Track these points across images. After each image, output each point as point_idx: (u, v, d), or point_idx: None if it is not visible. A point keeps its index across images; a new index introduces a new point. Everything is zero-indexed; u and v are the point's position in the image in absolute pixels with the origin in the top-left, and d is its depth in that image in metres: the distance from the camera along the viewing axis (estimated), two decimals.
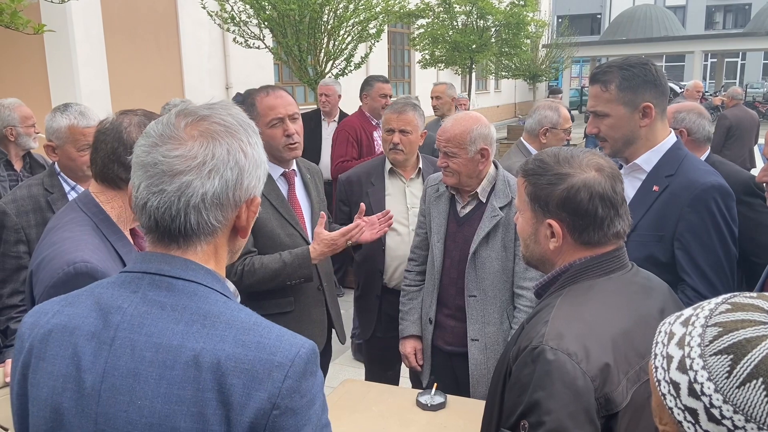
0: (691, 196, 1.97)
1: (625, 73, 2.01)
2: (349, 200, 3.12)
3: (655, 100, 2.03)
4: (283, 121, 2.48)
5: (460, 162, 2.48)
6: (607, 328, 1.30)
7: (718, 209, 1.98)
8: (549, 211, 1.40)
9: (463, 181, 2.54)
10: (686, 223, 1.98)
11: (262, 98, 2.50)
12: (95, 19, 9.96)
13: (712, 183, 1.99)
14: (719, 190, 1.99)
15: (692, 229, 1.97)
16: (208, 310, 0.96)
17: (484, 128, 2.50)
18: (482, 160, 2.50)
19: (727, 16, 42.13)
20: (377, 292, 3.08)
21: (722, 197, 1.99)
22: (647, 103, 2.02)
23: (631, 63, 2.04)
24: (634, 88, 2.01)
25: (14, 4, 3.92)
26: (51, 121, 2.45)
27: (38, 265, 1.61)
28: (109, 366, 0.95)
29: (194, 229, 0.99)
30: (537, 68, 22.02)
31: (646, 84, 2.02)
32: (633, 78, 2.01)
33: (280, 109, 2.48)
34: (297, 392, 0.93)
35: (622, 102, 2.03)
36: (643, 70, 2.02)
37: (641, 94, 2.02)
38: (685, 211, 1.97)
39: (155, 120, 1.04)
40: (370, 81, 5.19)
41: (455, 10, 15.71)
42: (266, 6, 8.52)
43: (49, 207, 2.42)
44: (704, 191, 1.97)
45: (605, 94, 2.05)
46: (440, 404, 2.30)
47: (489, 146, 2.50)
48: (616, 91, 2.03)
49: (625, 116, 2.04)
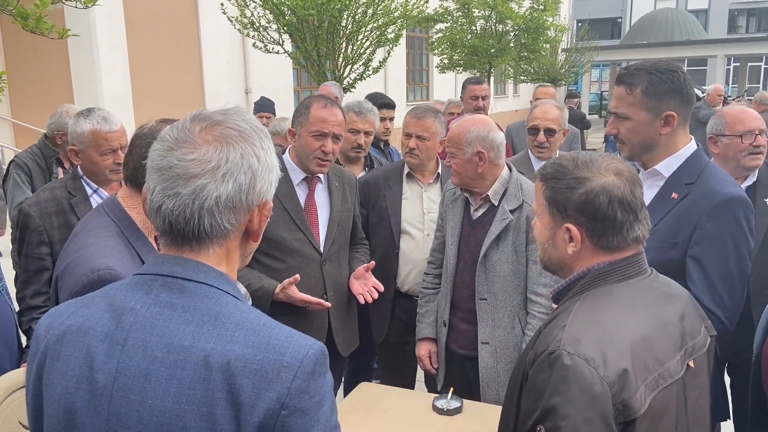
0: (711, 205, 1.93)
1: (652, 78, 1.97)
2: (366, 202, 3.13)
3: (679, 108, 1.99)
4: (326, 136, 2.52)
5: (458, 162, 2.52)
6: (626, 333, 1.29)
7: (737, 221, 1.93)
8: (567, 215, 1.39)
9: (464, 182, 2.56)
10: (703, 232, 1.94)
11: (318, 108, 2.55)
12: (118, 24, 10.11)
13: (733, 194, 1.95)
14: (740, 201, 1.95)
15: (708, 238, 1.93)
16: (218, 312, 0.98)
17: (483, 131, 2.49)
18: (480, 162, 2.49)
19: (750, 19, 41.56)
20: (390, 296, 3.06)
21: (743, 209, 1.94)
22: (670, 112, 1.98)
23: (660, 68, 2.00)
24: (660, 94, 1.97)
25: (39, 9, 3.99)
26: (74, 126, 2.50)
27: (63, 270, 1.64)
28: (121, 366, 0.96)
29: (207, 232, 1.00)
30: (556, 72, 21.88)
31: (672, 92, 1.97)
32: (659, 84, 1.97)
33: (329, 125, 2.52)
34: (306, 392, 0.94)
35: (645, 107, 1.99)
36: (671, 77, 1.97)
37: (666, 102, 1.98)
38: (703, 220, 1.93)
39: (170, 125, 1.05)
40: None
41: (474, 15, 15.69)
42: (286, 11, 8.59)
43: (71, 209, 2.46)
44: (725, 201, 1.93)
45: (629, 96, 2.01)
46: (456, 409, 2.29)
47: (487, 150, 2.48)
48: (640, 96, 1.99)
49: (646, 122, 2.00)
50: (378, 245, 3.07)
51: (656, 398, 1.27)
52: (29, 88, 9.70)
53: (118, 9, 9.96)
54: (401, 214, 3.04)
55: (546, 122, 3.44)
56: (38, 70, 9.91)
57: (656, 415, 1.27)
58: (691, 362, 1.38)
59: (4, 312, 2.18)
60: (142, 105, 10.36)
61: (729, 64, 33.18)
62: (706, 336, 1.47)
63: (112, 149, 2.48)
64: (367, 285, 2.64)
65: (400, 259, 3.05)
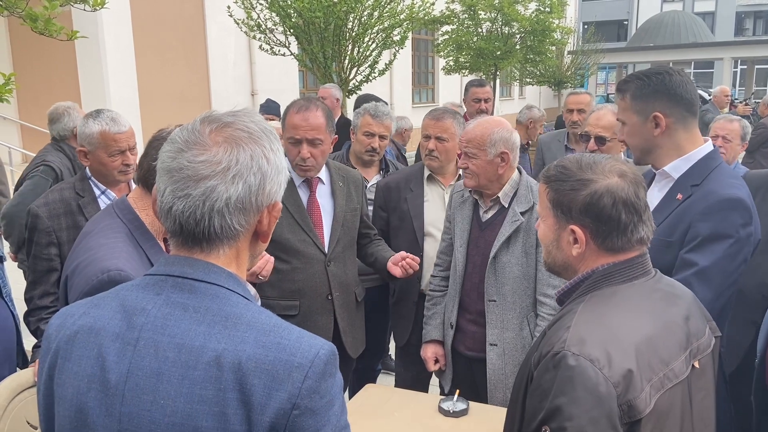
0: (706, 205, 1.93)
1: (638, 83, 2.04)
2: (387, 206, 3.12)
3: (669, 109, 2.01)
4: (301, 143, 2.52)
5: (479, 164, 2.49)
6: (630, 334, 1.29)
7: (730, 222, 1.89)
8: (572, 217, 1.39)
9: (482, 184, 2.54)
10: (693, 231, 1.92)
11: (292, 114, 2.54)
12: (125, 27, 10.16)
13: (730, 195, 1.92)
14: (736, 203, 1.91)
15: (696, 237, 1.91)
16: (229, 312, 0.98)
17: (506, 132, 2.50)
18: (502, 164, 2.49)
19: (757, 22, 41.42)
20: (414, 298, 3.06)
21: (738, 211, 1.90)
22: (656, 113, 2.01)
23: (649, 73, 2.06)
24: (645, 97, 2.03)
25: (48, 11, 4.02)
26: (83, 127, 2.51)
27: (73, 270, 1.66)
28: (133, 366, 0.97)
29: (218, 233, 1.01)
30: (562, 75, 21.87)
31: (656, 93, 2.01)
32: (644, 87, 2.03)
33: (300, 131, 2.51)
34: (316, 393, 0.95)
35: (634, 111, 2.05)
36: (657, 80, 2.01)
37: (651, 104, 2.02)
38: (695, 219, 1.93)
39: (180, 127, 1.06)
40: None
41: (480, 17, 15.70)
42: (292, 14, 8.62)
43: (79, 210, 2.47)
44: (719, 202, 1.91)
45: (622, 102, 2.09)
46: (463, 411, 2.30)
47: (510, 151, 2.50)
48: (630, 100, 2.06)
49: (638, 124, 2.05)
50: (400, 248, 3.04)
51: (661, 399, 1.27)
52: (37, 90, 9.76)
53: (125, 11, 10.01)
54: (424, 217, 3.03)
55: (597, 129, 3.11)
56: (46, 73, 9.98)
57: (661, 416, 1.27)
58: (696, 363, 1.39)
59: (5, 320, 2.19)
60: (148, 107, 10.41)
61: (736, 66, 33.04)
62: (711, 337, 1.47)
63: (120, 150, 2.50)
64: (404, 260, 2.60)
65: (423, 261, 3.01)
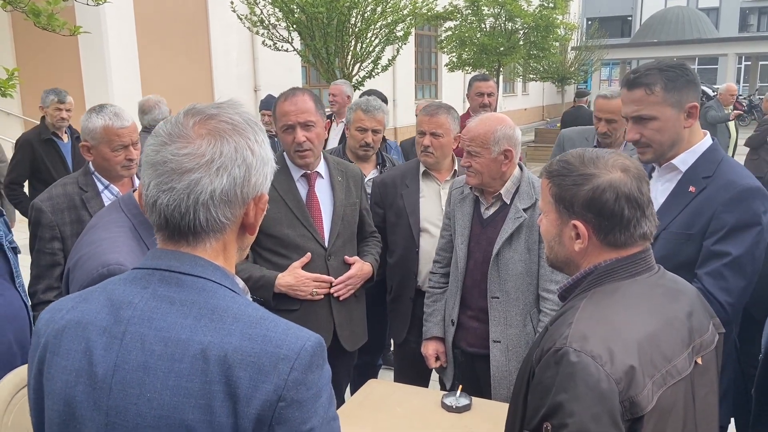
0: (728, 196, 1.95)
1: (668, 74, 2.00)
2: (383, 202, 3.13)
3: (697, 100, 2.03)
4: (294, 128, 2.52)
5: (483, 162, 2.48)
6: (633, 330, 1.29)
7: (754, 211, 1.94)
8: (574, 212, 1.39)
9: (485, 182, 2.53)
10: (719, 222, 1.94)
11: (281, 103, 2.57)
12: (128, 22, 10.15)
13: (750, 185, 1.97)
14: (758, 192, 1.96)
15: (723, 228, 1.94)
16: (216, 305, 0.98)
17: (509, 129, 2.49)
18: (505, 161, 2.48)
19: (762, 18, 41.20)
20: (410, 294, 3.06)
21: (761, 200, 1.95)
22: (693, 103, 2.01)
23: (669, 65, 2.03)
24: (680, 88, 1.99)
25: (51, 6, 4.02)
26: (86, 122, 2.51)
27: (75, 264, 1.67)
28: (119, 360, 0.97)
29: (203, 226, 1.01)
30: (566, 71, 21.80)
31: (689, 84, 2.00)
32: (677, 79, 1.99)
33: (291, 116, 2.52)
34: (303, 384, 0.95)
35: (669, 104, 2.00)
36: (684, 71, 2.01)
37: (686, 94, 2.00)
38: (720, 210, 1.94)
39: (164, 120, 1.06)
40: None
41: (483, 13, 15.65)
42: (295, 9, 8.61)
43: (83, 205, 2.48)
44: (742, 192, 1.94)
45: (651, 96, 2.01)
46: (465, 406, 2.30)
47: (513, 148, 2.49)
48: (662, 93, 1.99)
49: (673, 118, 2.01)
50: (397, 244, 3.07)
51: (664, 395, 1.27)
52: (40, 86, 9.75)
53: (128, 7, 10.01)
54: (420, 213, 3.03)
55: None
56: (49, 68, 9.97)
57: (664, 413, 1.27)
58: (699, 359, 1.38)
59: (20, 310, 2.20)
60: None
61: (740, 62, 32.89)
62: (714, 333, 1.46)
63: (123, 145, 2.50)
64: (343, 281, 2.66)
65: (420, 257, 3.03)
